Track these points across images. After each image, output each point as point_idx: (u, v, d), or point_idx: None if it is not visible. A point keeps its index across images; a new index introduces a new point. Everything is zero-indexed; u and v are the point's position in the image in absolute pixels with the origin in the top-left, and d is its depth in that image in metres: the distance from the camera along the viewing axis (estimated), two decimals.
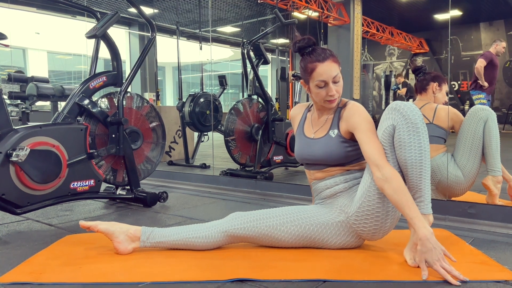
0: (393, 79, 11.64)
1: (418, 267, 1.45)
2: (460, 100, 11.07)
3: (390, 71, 12.31)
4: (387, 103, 11.71)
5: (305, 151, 1.71)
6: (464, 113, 2.42)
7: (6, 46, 2.32)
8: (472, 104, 9.61)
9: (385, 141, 1.50)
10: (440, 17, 10.46)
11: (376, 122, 1.59)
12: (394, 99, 10.33)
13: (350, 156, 1.62)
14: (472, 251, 1.66)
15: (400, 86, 8.17)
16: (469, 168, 2.30)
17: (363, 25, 10.04)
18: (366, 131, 1.53)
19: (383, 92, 11.84)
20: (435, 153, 2.39)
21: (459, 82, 11.37)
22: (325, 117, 1.69)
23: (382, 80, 11.89)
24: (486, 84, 4.90)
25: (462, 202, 2.14)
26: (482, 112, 2.28)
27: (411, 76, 11.20)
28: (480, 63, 4.86)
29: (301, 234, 1.61)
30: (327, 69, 1.57)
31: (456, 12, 9.89)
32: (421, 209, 1.49)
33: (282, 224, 1.61)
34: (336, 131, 1.62)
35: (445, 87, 2.59)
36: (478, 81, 4.93)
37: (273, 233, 1.61)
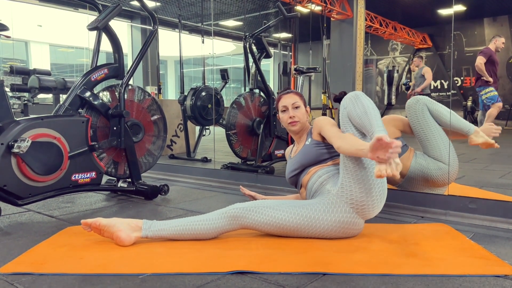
0: (396, 75, 11.55)
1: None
2: (462, 96, 11.02)
3: (393, 66, 12.27)
4: (389, 98, 11.68)
5: (289, 168, 2.05)
6: (466, 108, 2.39)
7: (8, 37, 2.32)
8: (474, 101, 9.56)
9: (344, 124, 1.78)
10: (444, 12, 10.39)
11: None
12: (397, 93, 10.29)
13: (324, 153, 1.93)
14: (473, 246, 1.66)
15: (416, 74, 7.15)
16: (445, 154, 2.22)
17: (366, 20, 9.99)
18: (327, 125, 1.88)
19: (385, 87, 11.80)
20: (408, 161, 2.27)
21: (462, 78, 11.31)
22: (301, 138, 2.06)
23: (385, 76, 11.85)
24: (491, 79, 4.90)
25: (463, 197, 2.14)
26: (417, 102, 2.25)
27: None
28: (480, 60, 4.86)
29: (297, 211, 1.71)
30: (287, 98, 2.06)
31: (459, 7, 9.81)
32: (379, 133, 1.53)
33: (279, 205, 1.74)
34: (310, 139, 1.99)
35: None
36: (482, 78, 4.92)
37: (270, 212, 1.70)
